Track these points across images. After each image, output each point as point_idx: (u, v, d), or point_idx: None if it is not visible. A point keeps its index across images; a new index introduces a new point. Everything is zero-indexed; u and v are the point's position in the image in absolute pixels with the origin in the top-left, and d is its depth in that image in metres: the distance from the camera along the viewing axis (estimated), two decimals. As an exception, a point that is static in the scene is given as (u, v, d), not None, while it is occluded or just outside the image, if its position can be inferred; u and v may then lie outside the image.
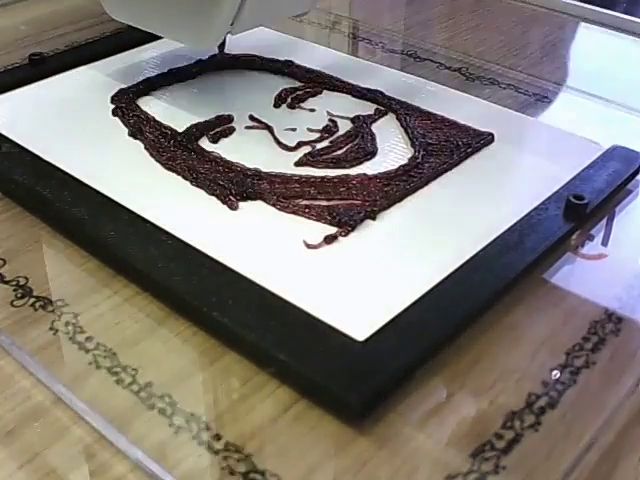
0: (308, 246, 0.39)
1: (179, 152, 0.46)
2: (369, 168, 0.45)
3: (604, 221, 0.43)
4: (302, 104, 0.52)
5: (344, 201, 0.42)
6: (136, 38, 0.60)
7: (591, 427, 0.31)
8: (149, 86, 0.53)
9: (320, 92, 0.53)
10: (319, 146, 0.47)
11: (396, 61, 0.61)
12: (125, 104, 0.51)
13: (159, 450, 0.30)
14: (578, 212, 0.41)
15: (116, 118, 0.50)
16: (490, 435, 0.30)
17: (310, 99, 0.53)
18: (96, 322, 0.35)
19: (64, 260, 0.39)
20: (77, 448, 0.30)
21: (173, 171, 0.44)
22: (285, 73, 0.55)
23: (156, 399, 0.32)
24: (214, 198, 0.42)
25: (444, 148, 0.46)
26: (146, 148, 0.47)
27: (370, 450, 0.30)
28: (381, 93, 0.53)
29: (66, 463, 0.29)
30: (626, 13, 0.67)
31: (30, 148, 0.46)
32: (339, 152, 0.47)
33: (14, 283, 0.38)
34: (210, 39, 0.48)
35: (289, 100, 0.52)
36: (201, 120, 0.49)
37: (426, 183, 0.44)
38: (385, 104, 0.52)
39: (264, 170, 0.44)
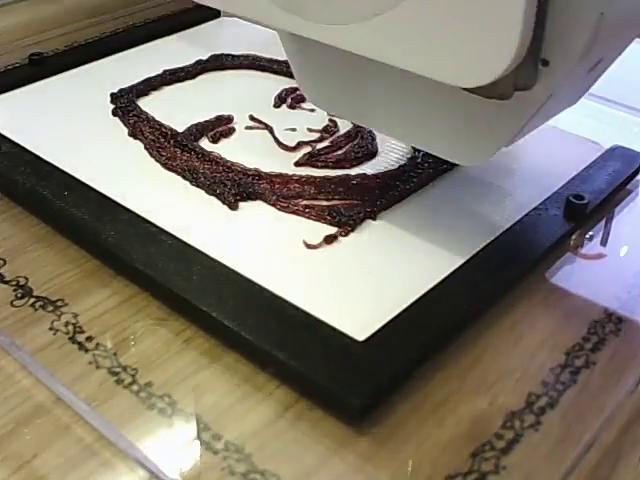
0: (308, 246, 0.39)
1: (179, 152, 0.46)
2: (369, 168, 0.45)
3: (604, 221, 0.43)
4: (302, 104, 0.52)
5: (344, 201, 0.42)
6: (136, 38, 0.60)
7: (591, 427, 0.31)
8: (149, 86, 0.53)
9: (320, 92, 0.53)
10: (319, 146, 0.47)
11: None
12: (125, 104, 0.51)
13: (159, 450, 0.30)
14: (578, 212, 0.41)
15: (116, 118, 0.50)
16: (490, 435, 0.30)
17: (310, 99, 0.53)
18: (96, 322, 0.35)
19: (64, 260, 0.39)
20: (77, 448, 0.30)
21: (173, 171, 0.44)
22: (285, 73, 0.55)
23: (156, 399, 0.32)
24: (214, 198, 0.42)
25: (444, 148, 0.46)
26: (146, 148, 0.47)
27: (370, 450, 0.30)
28: (381, 93, 0.52)
29: (66, 463, 0.29)
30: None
31: (30, 148, 0.46)
32: (339, 152, 0.47)
33: (14, 283, 0.38)
34: (484, 158, 0.38)
35: (289, 100, 0.52)
36: (201, 120, 0.49)
37: (426, 183, 0.44)
38: (385, 104, 0.51)
39: (264, 170, 0.44)
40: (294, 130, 0.49)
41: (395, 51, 0.32)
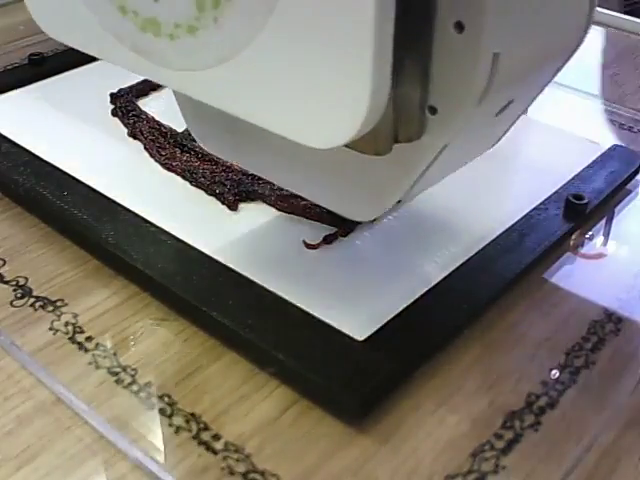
0: (308, 246, 0.39)
1: (178, 152, 0.46)
2: (369, 168, 0.45)
3: (604, 221, 0.43)
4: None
5: (344, 201, 0.42)
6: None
7: (591, 427, 0.31)
8: (149, 86, 0.53)
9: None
10: (319, 146, 0.47)
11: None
12: (125, 104, 0.51)
13: (159, 450, 0.30)
14: (578, 212, 0.41)
15: (116, 118, 0.50)
16: (490, 435, 0.30)
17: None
18: (96, 322, 0.35)
19: (64, 260, 0.39)
20: (77, 448, 0.30)
21: (172, 171, 0.44)
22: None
23: (156, 399, 0.32)
24: (214, 198, 0.42)
25: (444, 148, 0.46)
26: (145, 148, 0.47)
27: (370, 450, 0.30)
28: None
29: (66, 463, 0.29)
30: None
31: (30, 148, 0.46)
32: (339, 152, 0.46)
33: (14, 283, 0.38)
34: (374, 214, 0.36)
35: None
36: (201, 120, 0.49)
37: (426, 183, 0.44)
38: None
39: (264, 170, 0.44)
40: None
41: (241, 103, 0.28)
